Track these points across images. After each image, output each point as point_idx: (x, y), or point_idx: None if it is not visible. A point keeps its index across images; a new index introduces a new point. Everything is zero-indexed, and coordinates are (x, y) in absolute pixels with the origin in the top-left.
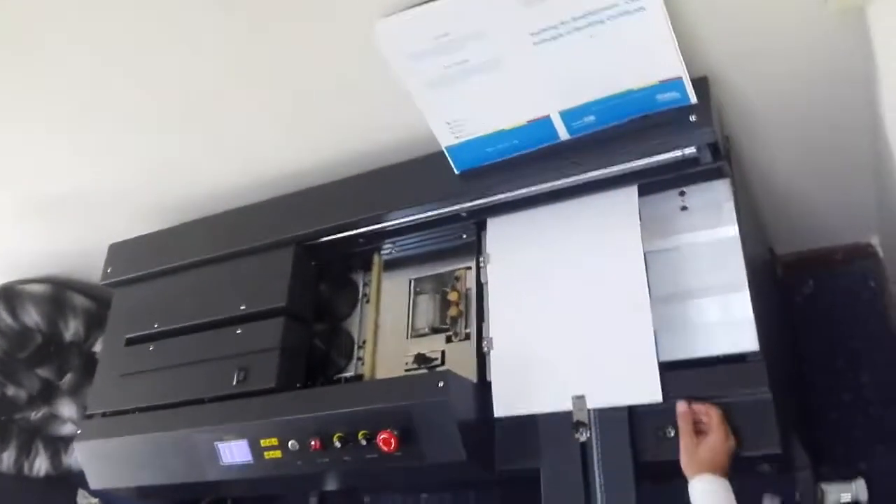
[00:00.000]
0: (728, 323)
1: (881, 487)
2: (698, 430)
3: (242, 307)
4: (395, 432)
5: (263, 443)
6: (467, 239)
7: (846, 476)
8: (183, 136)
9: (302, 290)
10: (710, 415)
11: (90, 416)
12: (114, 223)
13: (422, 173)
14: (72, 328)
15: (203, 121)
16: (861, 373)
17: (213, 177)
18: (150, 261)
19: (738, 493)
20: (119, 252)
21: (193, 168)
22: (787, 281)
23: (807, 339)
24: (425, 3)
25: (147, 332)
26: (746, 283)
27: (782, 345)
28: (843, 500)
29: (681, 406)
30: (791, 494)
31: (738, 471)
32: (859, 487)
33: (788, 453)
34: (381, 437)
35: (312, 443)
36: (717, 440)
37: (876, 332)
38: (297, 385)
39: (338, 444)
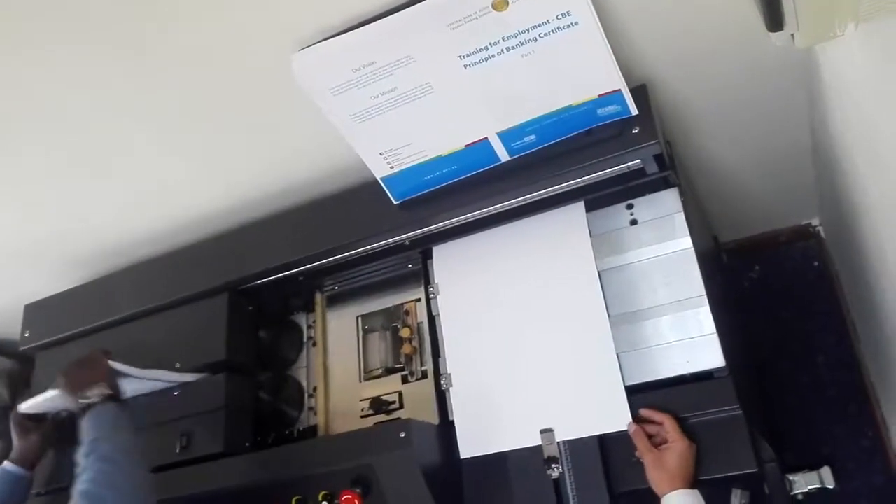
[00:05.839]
0: (690, 340)
1: (844, 471)
2: (655, 444)
3: (177, 365)
4: (358, 490)
5: None
6: (413, 268)
7: (811, 464)
8: (90, 184)
9: (241, 339)
10: (665, 424)
11: None
12: (26, 281)
13: (359, 204)
14: None
15: (112, 168)
16: (816, 354)
17: (128, 224)
18: (71, 321)
19: (705, 489)
20: (36, 313)
21: (106, 217)
22: (733, 267)
23: (758, 324)
24: (344, 32)
25: None
26: (706, 298)
27: (741, 345)
28: (811, 489)
29: (630, 427)
30: (759, 488)
31: (710, 492)
32: (825, 474)
33: (761, 463)
34: (344, 497)
35: None
36: (683, 447)
37: (824, 311)
38: (247, 445)
39: None
